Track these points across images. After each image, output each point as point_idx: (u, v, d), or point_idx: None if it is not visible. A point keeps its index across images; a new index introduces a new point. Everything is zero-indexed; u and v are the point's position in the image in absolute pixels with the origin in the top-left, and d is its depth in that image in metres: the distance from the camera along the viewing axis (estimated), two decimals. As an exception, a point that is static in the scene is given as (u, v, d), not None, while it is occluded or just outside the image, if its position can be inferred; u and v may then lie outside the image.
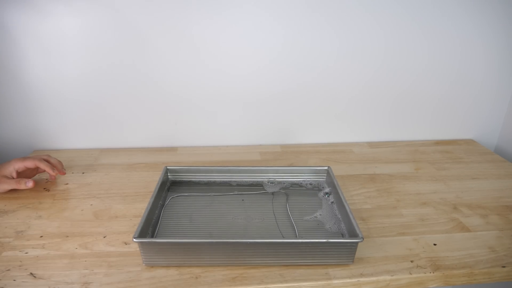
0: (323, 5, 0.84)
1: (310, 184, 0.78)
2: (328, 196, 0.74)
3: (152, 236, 0.62)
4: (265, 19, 0.85)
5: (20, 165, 0.75)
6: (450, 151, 0.98)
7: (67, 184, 0.81)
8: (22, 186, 0.75)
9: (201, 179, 0.79)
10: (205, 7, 0.82)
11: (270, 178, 0.79)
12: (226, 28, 0.85)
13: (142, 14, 0.82)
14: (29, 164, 0.76)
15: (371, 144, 1.01)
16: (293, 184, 0.78)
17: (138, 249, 0.61)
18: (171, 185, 0.78)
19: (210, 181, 0.79)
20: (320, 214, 0.69)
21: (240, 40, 0.87)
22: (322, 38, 0.88)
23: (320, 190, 0.77)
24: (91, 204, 0.74)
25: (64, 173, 0.81)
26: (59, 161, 0.80)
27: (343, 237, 0.63)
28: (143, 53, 0.86)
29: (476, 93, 0.99)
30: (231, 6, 0.83)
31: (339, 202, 0.68)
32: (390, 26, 0.88)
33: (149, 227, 0.63)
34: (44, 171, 0.78)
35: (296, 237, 0.64)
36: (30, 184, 0.75)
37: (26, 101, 0.89)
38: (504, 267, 0.59)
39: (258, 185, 0.78)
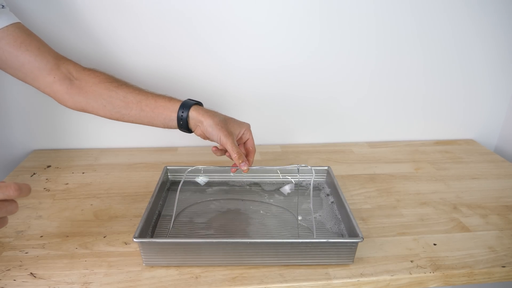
0: (323, 11, 0.84)
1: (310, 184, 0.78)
2: (328, 196, 0.74)
3: (152, 236, 0.62)
4: (264, 20, 0.85)
5: (248, 135, 0.69)
6: (450, 151, 0.98)
7: (67, 184, 0.81)
8: (237, 162, 0.63)
9: (202, 179, 0.79)
10: (202, 14, 0.83)
11: (270, 178, 0.79)
12: (224, 29, 0.85)
13: (139, 13, 0.82)
14: (251, 143, 0.69)
15: (371, 144, 1.01)
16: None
17: (138, 249, 0.61)
18: (171, 185, 0.78)
19: (210, 181, 0.79)
20: (320, 215, 0.69)
21: (239, 41, 0.87)
22: (321, 39, 0.88)
23: (320, 190, 0.77)
24: (91, 204, 0.74)
25: None
26: None
27: (343, 237, 0.63)
28: (142, 53, 0.86)
29: (476, 93, 0.99)
30: (230, 10, 0.83)
31: (339, 202, 0.68)
32: (389, 26, 0.88)
33: (149, 227, 0.63)
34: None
35: (297, 237, 0.63)
36: (245, 167, 0.63)
37: (26, 100, 0.89)
38: (504, 267, 0.59)
39: (257, 185, 0.78)
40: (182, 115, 0.66)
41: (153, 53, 0.86)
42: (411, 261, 0.60)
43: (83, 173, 0.85)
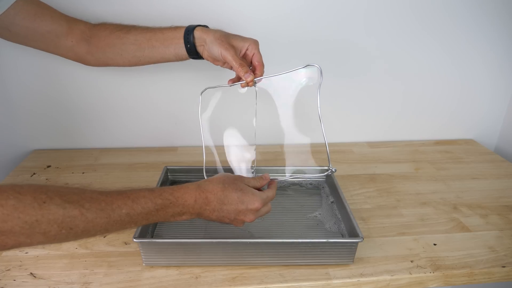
0: (318, 8, 0.84)
1: (310, 184, 0.78)
2: (328, 196, 0.74)
3: (152, 236, 0.62)
4: (266, 19, 0.85)
5: (253, 50, 0.63)
6: (450, 151, 0.98)
7: (67, 184, 0.81)
8: (241, 73, 0.60)
9: (201, 179, 0.79)
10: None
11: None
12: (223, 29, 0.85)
13: (140, 14, 0.82)
14: (257, 57, 0.63)
15: (371, 144, 1.01)
16: (293, 184, 0.78)
17: (138, 249, 0.61)
18: (171, 185, 0.77)
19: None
20: (320, 214, 0.69)
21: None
22: (322, 38, 0.88)
23: (320, 189, 0.77)
24: (91, 204, 0.74)
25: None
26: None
27: (343, 237, 0.63)
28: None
29: (476, 93, 0.99)
30: (229, 13, 0.83)
31: (339, 202, 0.68)
32: (389, 27, 0.88)
33: (149, 227, 0.63)
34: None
35: (297, 237, 0.63)
36: (250, 78, 0.60)
37: (26, 100, 0.89)
38: (504, 267, 0.59)
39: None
40: (188, 38, 0.65)
41: None
42: (411, 261, 0.60)
43: (83, 173, 0.85)
